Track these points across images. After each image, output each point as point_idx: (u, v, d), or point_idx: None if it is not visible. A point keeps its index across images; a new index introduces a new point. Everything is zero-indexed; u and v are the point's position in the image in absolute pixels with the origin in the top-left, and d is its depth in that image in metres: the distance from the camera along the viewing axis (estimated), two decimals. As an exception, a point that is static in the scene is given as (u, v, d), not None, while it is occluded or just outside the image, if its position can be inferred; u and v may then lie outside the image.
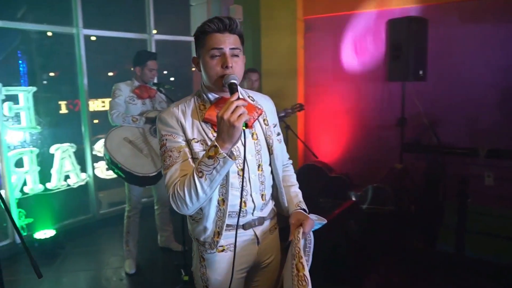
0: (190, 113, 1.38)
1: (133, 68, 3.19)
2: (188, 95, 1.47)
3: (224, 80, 1.30)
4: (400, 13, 3.88)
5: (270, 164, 1.50)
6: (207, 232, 1.40)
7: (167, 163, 1.33)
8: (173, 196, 1.28)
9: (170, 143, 1.34)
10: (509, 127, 3.64)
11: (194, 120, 1.37)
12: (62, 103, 4.51)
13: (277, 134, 1.54)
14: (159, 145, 1.38)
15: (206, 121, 1.37)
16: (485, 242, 3.32)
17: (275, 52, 5.20)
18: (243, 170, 1.34)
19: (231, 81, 1.28)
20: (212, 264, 1.46)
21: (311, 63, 5.07)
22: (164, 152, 1.35)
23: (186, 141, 1.35)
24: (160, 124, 1.38)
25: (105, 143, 2.83)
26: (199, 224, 1.42)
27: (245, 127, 1.19)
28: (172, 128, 1.35)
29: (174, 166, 1.31)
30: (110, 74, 5.29)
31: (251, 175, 1.43)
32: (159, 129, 1.38)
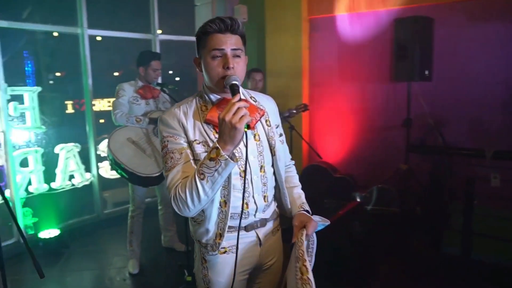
0: (192, 114, 1.37)
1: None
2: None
3: (226, 81, 1.29)
4: (405, 12, 3.85)
5: (272, 165, 1.49)
6: (209, 234, 1.39)
7: (168, 165, 1.32)
8: (175, 198, 1.27)
9: (172, 144, 1.34)
10: (517, 128, 3.60)
11: (196, 121, 1.36)
12: (69, 103, 4.54)
13: (280, 135, 1.53)
14: (161, 146, 1.37)
15: (208, 122, 1.36)
16: (492, 244, 3.27)
17: (280, 52, 5.18)
18: (245, 171, 1.33)
19: (233, 82, 1.27)
20: (214, 266, 1.45)
21: (316, 63, 5.05)
22: (165, 153, 1.34)
23: (188, 142, 1.34)
24: (161, 126, 1.37)
25: (108, 144, 2.83)
26: (201, 226, 1.41)
27: (247, 129, 1.18)
28: (174, 129, 1.34)
29: (175, 168, 1.31)
30: (116, 74, 5.31)
31: (253, 176, 1.42)
32: (161, 131, 1.37)
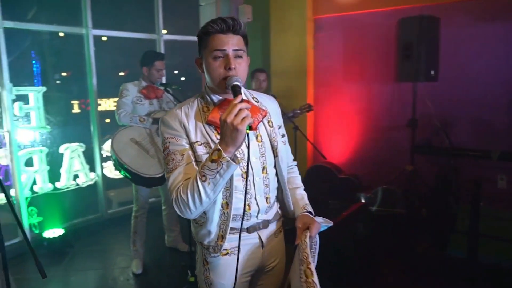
0: (194, 115, 1.36)
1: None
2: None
3: (227, 82, 1.27)
4: (411, 12, 3.81)
5: (275, 166, 1.47)
6: (211, 236, 1.38)
7: (170, 166, 1.31)
8: (176, 200, 1.26)
9: (173, 146, 1.33)
10: (524, 129, 3.55)
11: (198, 122, 1.35)
12: (75, 103, 4.55)
13: (282, 136, 1.52)
14: (162, 148, 1.36)
15: (209, 124, 1.34)
16: (498, 246, 3.23)
17: (285, 52, 5.17)
18: (246, 173, 1.31)
19: (234, 83, 1.26)
20: (215, 268, 1.44)
21: (320, 63, 5.02)
22: (167, 155, 1.33)
23: (190, 144, 1.33)
24: (163, 127, 1.36)
25: (112, 144, 2.83)
26: (202, 227, 1.40)
27: (249, 130, 1.17)
28: (175, 130, 1.33)
29: (177, 170, 1.30)
30: (122, 74, 5.32)
31: (256, 177, 1.41)
32: (162, 132, 1.36)
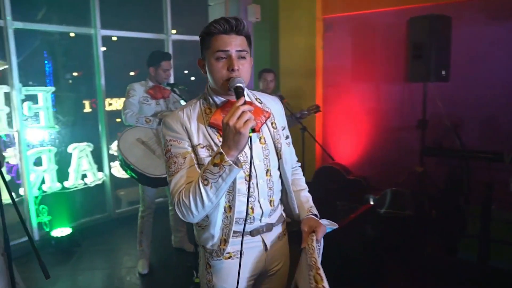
0: (196, 117, 1.34)
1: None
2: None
3: (230, 84, 1.25)
4: (421, 11, 3.75)
5: (278, 169, 1.45)
6: (214, 240, 1.37)
7: (172, 170, 1.30)
8: (178, 204, 1.24)
9: (175, 149, 1.31)
10: (537, 130, 3.47)
11: (200, 124, 1.33)
12: (86, 102, 4.58)
13: (286, 137, 1.49)
14: (164, 150, 1.34)
15: (212, 126, 1.32)
16: (510, 251, 3.17)
17: (293, 51, 5.14)
18: (250, 176, 1.29)
19: (237, 85, 1.23)
20: (218, 272, 1.43)
21: (329, 62, 4.99)
22: (169, 158, 1.31)
23: (192, 146, 1.31)
24: (164, 129, 1.34)
25: (118, 144, 2.84)
26: (205, 231, 1.38)
27: (252, 132, 1.14)
28: (177, 133, 1.31)
29: (179, 173, 1.28)
30: (132, 73, 5.34)
31: (259, 180, 1.39)
32: (164, 134, 1.34)
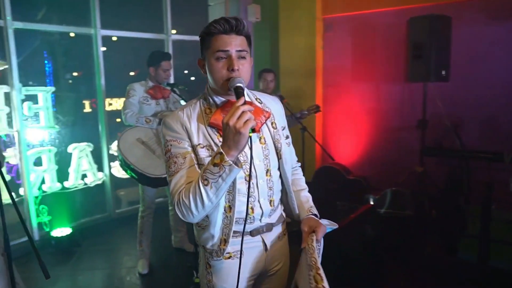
0: (196, 117, 1.34)
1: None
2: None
3: (230, 84, 1.25)
4: (421, 11, 3.75)
5: (278, 169, 1.45)
6: (214, 240, 1.37)
7: (172, 170, 1.30)
8: (178, 204, 1.24)
9: (175, 149, 1.31)
10: (538, 130, 3.47)
11: (200, 124, 1.33)
12: (86, 102, 4.58)
13: (286, 137, 1.49)
14: (164, 151, 1.34)
15: (212, 126, 1.32)
16: (510, 251, 3.16)
17: (293, 52, 5.14)
18: (250, 176, 1.29)
19: (237, 85, 1.23)
20: (218, 272, 1.43)
21: (329, 62, 4.99)
22: (169, 158, 1.31)
23: (192, 146, 1.31)
24: (164, 129, 1.34)
25: (118, 144, 2.84)
26: (205, 231, 1.38)
27: (252, 132, 1.15)
28: (177, 133, 1.31)
29: (179, 173, 1.28)
30: (132, 73, 5.34)
31: (259, 180, 1.39)
32: (164, 134, 1.34)
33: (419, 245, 3.43)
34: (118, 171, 4.30)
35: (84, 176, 4.06)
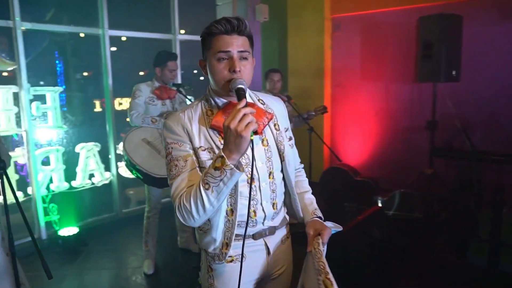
0: (197, 119, 1.32)
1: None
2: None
3: (231, 85, 1.23)
4: (431, 10, 3.69)
5: (281, 171, 1.42)
6: (216, 243, 1.35)
7: (173, 173, 1.28)
8: (179, 208, 1.22)
9: (176, 151, 1.29)
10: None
11: (201, 126, 1.31)
12: (97, 102, 4.61)
13: (289, 139, 1.46)
14: (165, 153, 1.33)
15: (213, 128, 1.30)
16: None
17: (302, 51, 5.11)
18: (251, 179, 1.27)
19: (239, 86, 1.21)
20: (220, 275, 1.41)
21: (338, 62, 4.94)
22: (170, 161, 1.30)
23: (193, 149, 1.29)
24: (165, 131, 1.32)
25: (124, 144, 2.84)
26: (207, 234, 1.36)
27: (254, 134, 1.13)
28: (178, 135, 1.29)
29: (180, 176, 1.26)
30: (141, 73, 5.37)
31: (262, 183, 1.36)
32: (165, 137, 1.32)
33: (427, 248, 3.38)
34: (125, 171, 4.32)
35: (91, 175, 4.08)
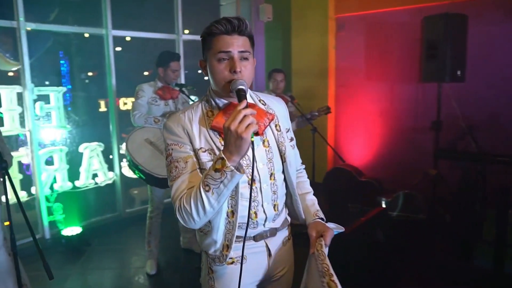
0: (198, 120, 1.31)
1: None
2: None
3: (232, 86, 1.22)
4: (436, 9, 3.66)
5: (283, 172, 1.41)
6: (216, 245, 1.34)
7: (173, 174, 1.27)
8: (180, 210, 1.22)
9: (176, 153, 1.28)
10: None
11: (202, 127, 1.30)
12: (102, 102, 4.61)
13: (290, 140, 1.45)
14: (165, 154, 1.32)
15: (214, 129, 1.29)
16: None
17: (306, 51, 5.09)
18: (252, 181, 1.25)
19: (239, 87, 1.20)
20: (221, 277, 1.40)
21: (342, 62, 4.92)
22: (170, 162, 1.29)
23: (193, 150, 1.28)
24: (165, 133, 1.31)
25: (126, 144, 2.84)
26: (207, 236, 1.35)
27: (255, 135, 1.11)
28: (178, 137, 1.28)
29: (180, 178, 1.25)
30: (146, 73, 5.37)
31: (263, 184, 1.35)
32: (165, 138, 1.32)
33: (432, 249, 3.35)
34: (129, 171, 4.32)
35: (95, 175, 4.09)
